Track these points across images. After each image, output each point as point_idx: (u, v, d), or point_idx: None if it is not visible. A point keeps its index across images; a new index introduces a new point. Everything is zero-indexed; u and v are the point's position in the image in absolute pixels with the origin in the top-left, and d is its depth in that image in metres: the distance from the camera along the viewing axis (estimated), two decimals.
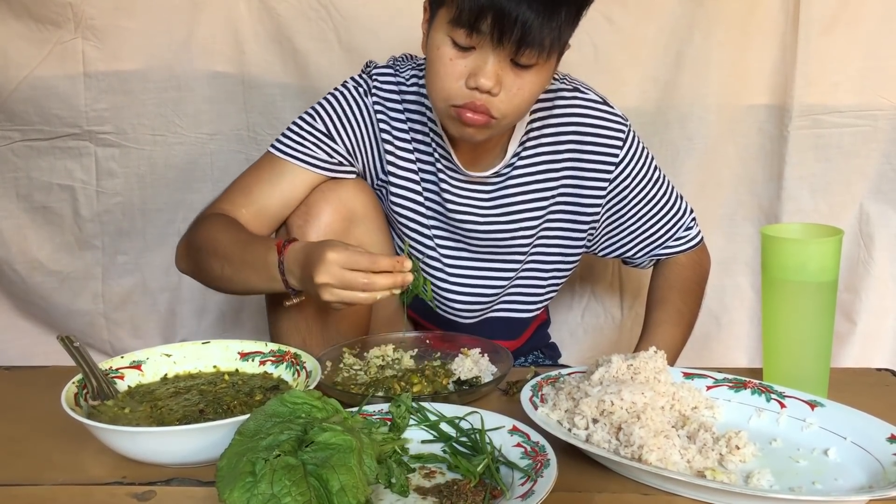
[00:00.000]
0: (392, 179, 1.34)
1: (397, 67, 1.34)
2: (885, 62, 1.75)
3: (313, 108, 1.33)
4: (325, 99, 1.34)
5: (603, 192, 1.35)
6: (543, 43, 1.09)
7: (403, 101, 1.31)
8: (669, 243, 1.43)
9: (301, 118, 1.33)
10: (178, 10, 1.76)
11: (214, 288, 1.33)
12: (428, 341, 1.34)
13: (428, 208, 1.35)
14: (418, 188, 1.34)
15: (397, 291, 1.08)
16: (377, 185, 1.36)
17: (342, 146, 1.32)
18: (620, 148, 1.33)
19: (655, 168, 1.39)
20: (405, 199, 1.35)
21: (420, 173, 1.33)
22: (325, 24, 1.78)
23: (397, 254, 1.40)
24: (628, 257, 1.46)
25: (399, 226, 1.38)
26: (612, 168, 1.34)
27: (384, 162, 1.33)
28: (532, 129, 1.32)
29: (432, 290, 1.42)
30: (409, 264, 1.07)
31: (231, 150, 1.85)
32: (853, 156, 1.80)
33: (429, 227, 1.36)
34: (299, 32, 1.78)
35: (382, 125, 1.32)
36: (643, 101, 1.81)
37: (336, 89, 1.34)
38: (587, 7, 1.15)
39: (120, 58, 1.77)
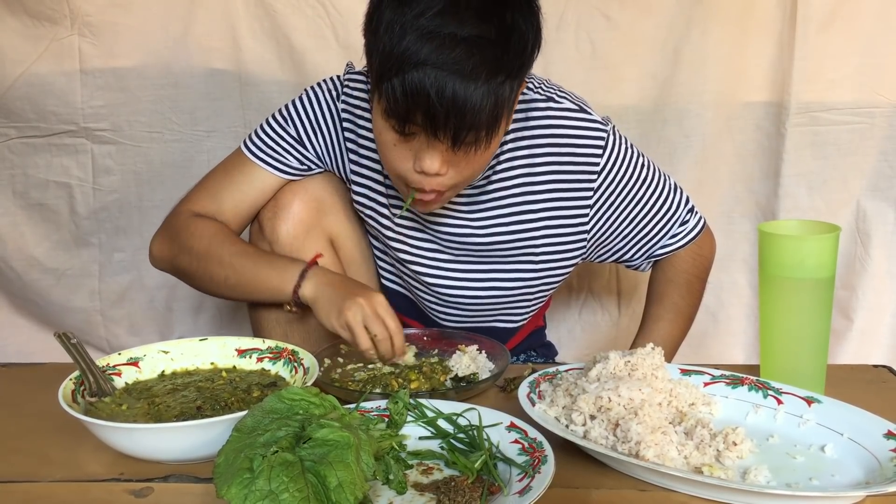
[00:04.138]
0: (355, 187, 1.34)
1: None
2: (881, 59, 1.75)
3: (286, 110, 1.34)
4: (299, 100, 1.34)
5: (589, 202, 1.31)
6: (481, 123, 1.05)
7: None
8: (664, 242, 1.39)
9: (274, 119, 1.34)
10: (175, 6, 1.76)
11: (204, 290, 1.35)
12: (426, 338, 1.34)
13: (394, 214, 1.33)
14: (381, 199, 1.33)
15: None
16: (347, 184, 1.37)
17: (312, 152, 1.33)
18: (601, 156, 1.28)
19: (643, 166, 1.34)
20: (367, 207, 1.34)
21: (388, 179, 1.31)
22: (322, 21, 1.77)
23: (372, 245, 1.44)
24: (625, 261, 1.43)
25: (368, 225, 1.38)
26: (594, 177, 1.29)
27: (349, 169, 1.33)
28: (506, 143, 1.28)
29: (418, 294, 1.42)
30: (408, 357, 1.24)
31: (228, 147, 1.84)
32: (850, 153, 1.80)
33: (399, 231, 1.35)
34: (296, 29, 1.78)
35: (348, 134, 1.31)
36: (641, 98, 1.81)
37: (311, 88, 1.34)
38: (532, 63, 1.10)
39: (116, 55, 1.77)
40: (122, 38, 1.77)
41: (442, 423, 0.99)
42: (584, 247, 1.35)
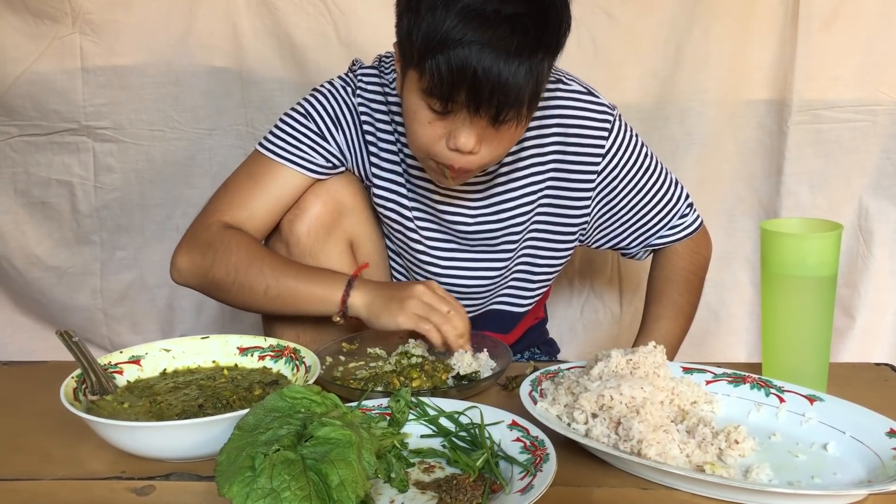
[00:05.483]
0: (376, 182, 1.34)
1: (382, 69, 1.32)
2: (883, 57, 1.75)
3: (303, 108, 1.32)
4: (314, 97, 1.32)
5: (592, 185, 1.33)
6: (523, 100, 1.07)
7: (388, 102, 1.30)
8: (663, 232, 1.41)
9: (290, 117, 1.32)
10: (177, 4, 1.76)
11: (238, 303, 1.30)
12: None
13: (414, 208, 1.34)
14: (403, 190, 1.33)
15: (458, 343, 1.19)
16: (365, 184, 1.36)
17: (335, 146, 1.31)
18: (606, 138, 1.30)
19: (646, 156, 1.36)
20: (389, 201, 1.34)
21: (406, 174, 1.33)
22: (324, 20, 1.77)
23: (387, 246, 1.43)
24: (622, 248, 1.44)
25: (386, 224, 1.38)
26: (598, 159, 1.31)
27: (369, 163, 1.33)
28: None
29: None
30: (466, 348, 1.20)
31: (229, 145, 1.85)
32: (852, 151, 1.80)
33: (416, 226, 1.35)
34: (298, 27, 1.78)
35: (366, 126, 1.31)
36: (642, 96, 1.81)
37: (323, 86, 1.33)
38: (564, 42, 1.12)
39: (118, 53, 1.77)
40: (124, 37, 1.77)
41: (443, 422, 0.99)
42: (585, 230, 1.38)
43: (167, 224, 1.89)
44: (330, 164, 1.32)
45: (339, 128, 1.31)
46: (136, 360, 1.12)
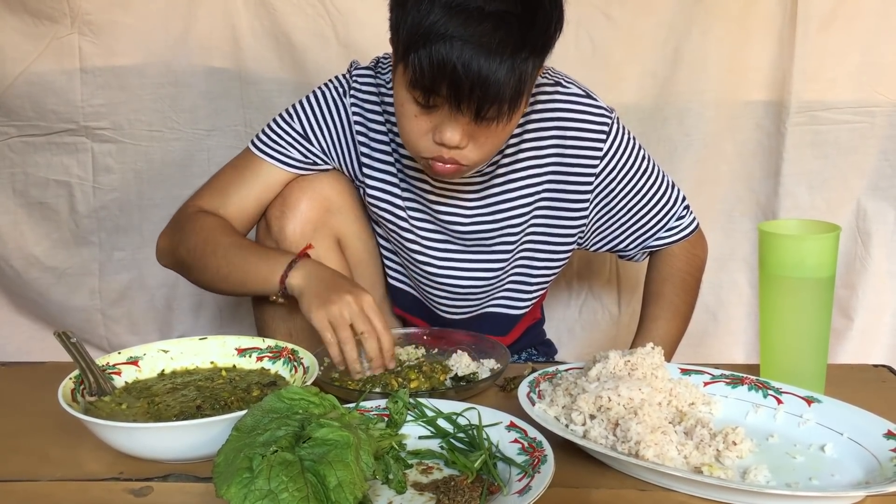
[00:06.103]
0: (368, 182, 1.34)
1: (379, 69, 1.33)
2: (882, 58, 1.75)
3: (293, 107, 1.35)
4: (306, 98, 1.35)
5: (589, 187, 1.33)
6: (505, 97, 1.06)
7: (383, 102, 1.31)
8: (661, 234, 1.41)
9: (281, 116, 1.35)
10: (175, 5, 1.76)
11: (200, 283, 1.33)
12: (425, 337, 1.34)
13: (409, 207, 1.35)
14: (397, 190, 1.34)
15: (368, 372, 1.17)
16: (356, 184, 1.37)
17: (317, 146, 1.33)
18: (604, 141, 1.31)
19: (643, 158, 1.36)
20: (383, 200, 1.35)
21: (401, 174, 1.33)
22: (323, 20, 1.77)
23: (380, 245, 1.43)
24: (620, 250, 1.44)
25: (382, 224, 1.38)
26: (596, 162, 1.31)
27: (360, 163, 1.33)
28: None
29: (427, 290, 1.42)
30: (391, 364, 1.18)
31: (228, 145, 1.85)
32: (850, 152, 1.80)
33: (411, 224, 1.36)
34: (296, 28, 1.78)
35: (358, 127, 1.32)
36: (641, 97, 1.81)
37: (318, 88, 1.35)
38: (553, 43, 1.10)
39: (116, 53, 1.77)
40: (123, 37, 1.77)
41: (441, 423, 0.99)
42: (583, 232, 1.38)
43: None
44: (310, 161, 1.34)
45: (323, 129, 1.32)
46: (134, 361, 1.12)
